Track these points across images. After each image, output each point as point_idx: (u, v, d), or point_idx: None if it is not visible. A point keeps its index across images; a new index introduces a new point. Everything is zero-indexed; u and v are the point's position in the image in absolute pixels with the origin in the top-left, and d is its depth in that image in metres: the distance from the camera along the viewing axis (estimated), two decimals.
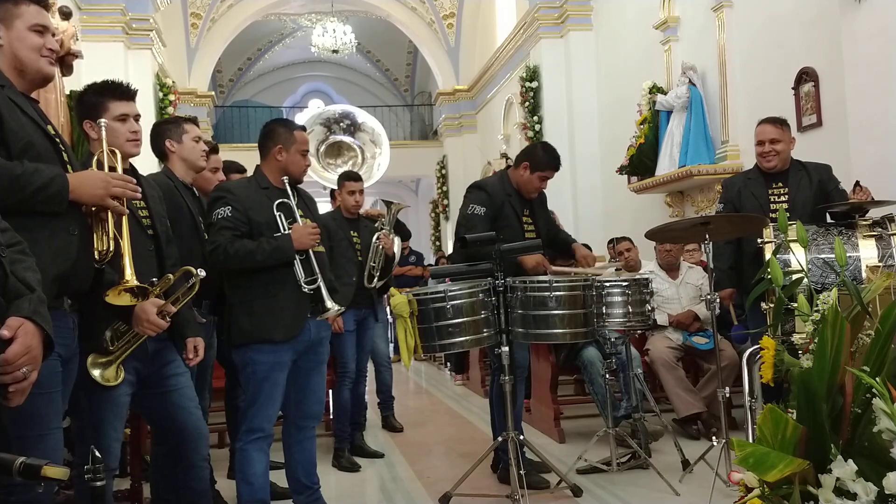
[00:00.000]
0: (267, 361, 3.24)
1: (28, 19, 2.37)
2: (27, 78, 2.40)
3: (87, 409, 2.64)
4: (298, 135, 3.45)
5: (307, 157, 3.49)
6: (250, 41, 18.38)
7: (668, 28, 8.13)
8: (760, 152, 4.49)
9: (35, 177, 2.21)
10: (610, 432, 4.24)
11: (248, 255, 3.21)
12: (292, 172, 3.43)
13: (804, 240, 2.36)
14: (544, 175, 4.30)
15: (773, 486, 1.77)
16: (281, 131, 3.43)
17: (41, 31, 2.39)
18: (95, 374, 2.60)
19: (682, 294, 5.57)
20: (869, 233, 3.66)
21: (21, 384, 1.76)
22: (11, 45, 2.35)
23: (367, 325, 5.30)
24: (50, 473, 1.54)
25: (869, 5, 4.77)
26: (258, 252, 3.22)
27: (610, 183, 9.58)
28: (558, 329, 3.67)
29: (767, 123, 4.52)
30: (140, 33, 9.99)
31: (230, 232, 3.23)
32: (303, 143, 3.44)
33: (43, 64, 2.41)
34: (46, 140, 2.36)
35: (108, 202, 2.42)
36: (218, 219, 3.25)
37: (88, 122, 2.74)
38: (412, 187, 20.20)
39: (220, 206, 3.27)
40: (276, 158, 3.40)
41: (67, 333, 2.37)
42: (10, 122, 2.24)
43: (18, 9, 2.37)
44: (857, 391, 1.80)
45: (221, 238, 3.21)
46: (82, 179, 2.38)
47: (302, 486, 3.48)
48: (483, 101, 14.67)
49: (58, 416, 2.29)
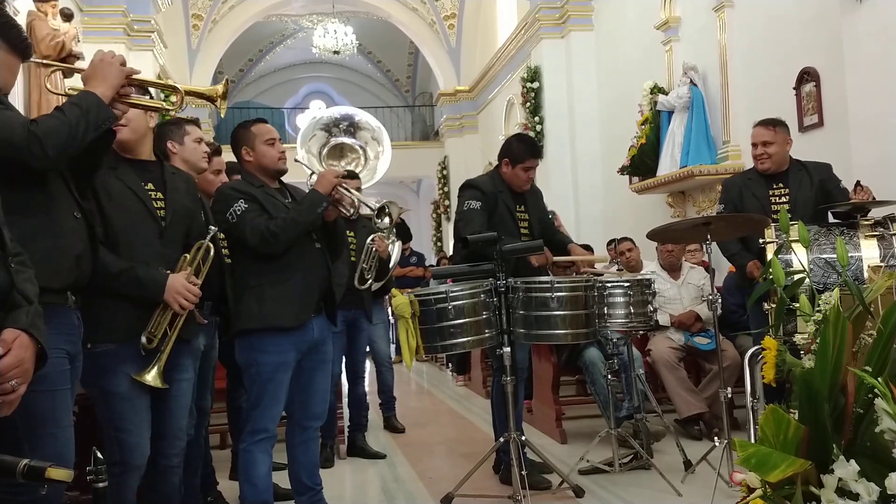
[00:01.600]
0: (271, 362, 3.23)
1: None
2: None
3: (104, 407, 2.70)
4: (257, 128, 3.42)
5: (277, 145, 3.41)
6: (251, 42, 18.40)
7: (669, 28, 8.13)
8: (754, 155, 4.51)
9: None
10: (612, 433, 4.24)
11: (290, 223, 3.20)
12: (267, 165, 3.39)
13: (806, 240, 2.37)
14: (526, 166, 4.25)
15: (775, 486, 1.77)
16: (240, 132, 3.43)
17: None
18: (148, 379, 2.70)
19: (684, 294, 5.56)
20: (871, 233, 3.65)
21: (8, 397, 1.76)
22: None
23: (360, 327, 5.28)
24: (54, 475, 1.54)
25: (870, 4, 4.76)
26: (297, 215, 3.22)
27: (611, 183, 9.58)
28: (560, 330, 3.66)
29: (760, 126, 4.52)
30: (141, 35, 10.00)
31: (260, 218, 3.20)
32: (265, 133, 3.39)
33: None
34: None
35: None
36: (238, 214, 3.20)
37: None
38: (413, 188, 20.20)
39: (233, 204, 3.23)
40: (247, 159, 3.40)
41: (73, 330, 2.37)
42: None
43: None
44: (859, 391, 1.80)
45: (258, 226, 3.17)
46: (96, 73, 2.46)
47: (305, 487, 3.48)
48: (484, 101, 14.67)
49: (68, 413, 2.30)
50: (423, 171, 17.08)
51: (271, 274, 3.25)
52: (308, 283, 3.30)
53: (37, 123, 2.20)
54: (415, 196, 20.07)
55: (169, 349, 2.77)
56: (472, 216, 4.13)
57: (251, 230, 3.19)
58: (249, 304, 3.23)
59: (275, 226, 3.19)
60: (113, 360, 2.69)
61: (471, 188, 4.28)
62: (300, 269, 3.28)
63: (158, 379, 2.74)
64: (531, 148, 4.31)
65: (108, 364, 2.68)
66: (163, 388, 2.77)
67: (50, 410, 2.17)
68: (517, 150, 4.25)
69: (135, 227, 2.78)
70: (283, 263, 3.25)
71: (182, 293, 2.77)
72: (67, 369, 2.30)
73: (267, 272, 3.25)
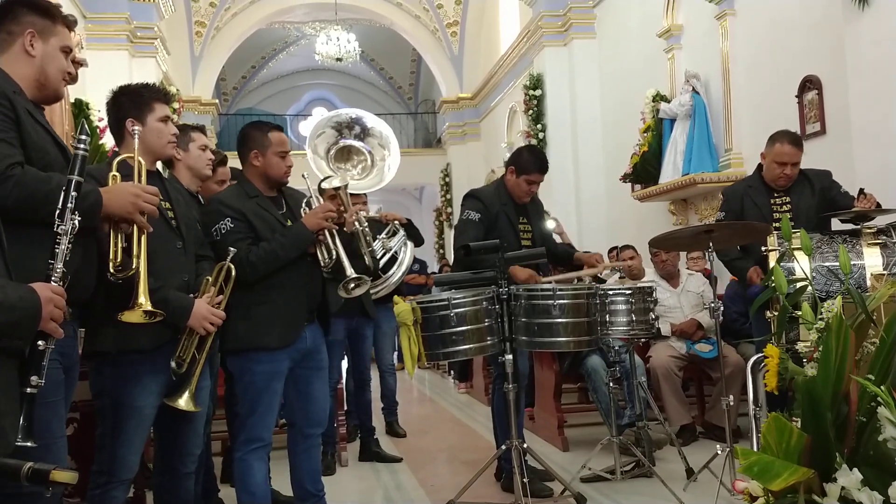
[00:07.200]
0: (264, 371, 3.19)
1: (62, 39, 2.42)
2: (43, 93, 2.41)
3: (111, 417, 2.67)
4: (273, 136, 3.32)
5: (287, 158, 3.35)
6: (254, 49, 18.46)
7: (672, 36, 8.15)
8: (780, 173, 4.35)
9: None
10: (614, 440, 4.23)
11: (269, 255, 3.13)
12: (272, 176, 3.32)
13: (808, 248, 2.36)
14: (530, 179, 4.24)
15: (777, 494, 1.76)
16: (255, 135, 3.33)
17: (67, 53, 2.45)
18: (181, 404, 2.72)
19: (684, 302, 5.55)
20: (873, 241, 3.64)
21: None
22: (43, 59, 2.37)
23: (363, 334, 5.28)
24: (59, 478, 1.54)
25: (872, 12, 4.78)
26: (278, 249, 3.14)
27: (613, 191, 9.59)
28: (562, 337, 3.66)
29: (791, 144, 4.34)
30: (144, 42, 10.02)
31: (242, 242, 3.12)
32: (279, 144, 3.31)
33: (61, 85, 2.46)
34: (57, 148, 2.36)
35: (136, 217, 2.43)
36: (223, 234, 3.13)
37: (132, 120, 2.72)
38: (416, 195, 20.21)
39: (218, 221, 3.16)
40: (254, 164, 3.31)
41: (69, 342, 2.36)
42: (28, 129, 2.24)
43: (56, 27, 2.41)
44: (861, 400, 1.80)
45: (238, 250, 3.08)
46: (113, 193, 2.39)
47: (308, 494, 3.46)
48: (487, 108, 14.69)
49: (61, 424, 2.30)
50: (426, 179, 17.08)
51: (257, 293, 3.17)
52: (295, 302, 3.24)
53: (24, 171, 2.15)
54: (417, 203, 20.08)
55: (199, 372, 2.79)
56: (466, 228, 4.14)
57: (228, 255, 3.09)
58: (235, 324, 3.11)
59: (254, 256, 3.11)
60: (138, 370, 2.67)
61: (472, 199, 4.28)
62: (287, 287, 3.21)
63: (191, 402, 2.76)
64: (539, 163, 4.30)
65: (132, 374, 2.66)
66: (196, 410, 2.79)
67: (43, 421, 2.16)
68: (525, 162, 4.25)
69: (159, 238, 2.70)
70: (269, 283, 3.18)
71: (208, 318, 2.78)
72: (62, 380, 2.29)
73: (253, 292, 3.16)
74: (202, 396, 2.92)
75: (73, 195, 2.07)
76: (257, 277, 3.14)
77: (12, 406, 1.80)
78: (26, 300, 1.76)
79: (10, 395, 1.79)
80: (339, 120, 4.56)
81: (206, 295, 2.85)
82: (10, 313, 1.70)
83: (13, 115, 2.20)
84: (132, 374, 2.66)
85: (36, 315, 1.79)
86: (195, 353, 2.79)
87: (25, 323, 1.77)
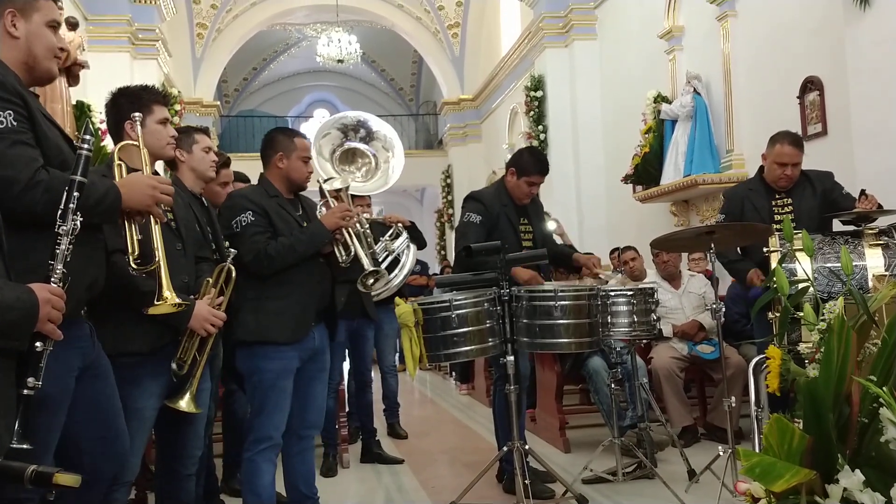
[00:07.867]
0: (274, 369, 3.21)
1: (46, 14, 2.22)
2: (34, 75, 2.24)
3: None
4: (299, 142, 3.43)
5: (309, 164, 3.47)
6: (255, 51, 18.48)
7: (673, 37, 8.16)
8: (781, 174, 4.32)
9: (91, 190, 2.12)
10: (615, 442, 4.23)
11: (288, 250, 3.20)
12: (294, 179, 3.42)
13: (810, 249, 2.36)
14: (531, 181, 4.24)
15: (779, 496, 1.76)
16: (281, 139, 3.43)
17: (55, 27, 2.25)
18: (182, 406, 2.73)
19: (685, 304, 5.55)
20: (875, 242, 3.63)
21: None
22: (28, 39, 2.18)
23: (364, 336, 5.29)
24: (62, 481, 1.54)
25: (873, 14, 4.78)
26: (296, 244, 3.22)
27: (614, 192, 9.59)
28: (563, 338, 3.65)
29: (792, 145, 4.31)
30: (146, 43, 10.05)
31: (261, 235, 3.21)
32: (303, 149, 3.42)
33: (52, 64, 2.26)
34: (66, 143, 2.28)
35: (154, 209, 2.41)
36: (243, 226, 3.22)
37: (130, 123, 2.66)
38: (417, 197, 20.22)
39: (239, 214, 3.24)
40: (278, 166, 3.40)
41: (86, 342, 2.33)
42: (42, 126, 2.15)
43: (38, 2, 2.21)
44: (863, 401, 1.80)
45: (256, 244, 3.19)
46: (129, 186, 2.35)
47: (302, 497, 3.46)
48: (488, 110, 14.70)
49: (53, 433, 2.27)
50: (427, 180, 17.10)
51: (271, 288, 3.23)
52: (307, 299, 3.29)
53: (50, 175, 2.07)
54: (418, 205, 20.08)
55: (199, 374, 2.79)
56: (467, 230, 4.15)
57: (249, 246, 3.19)
58: (246, 316, 3.22)
59: (272, 249, 3.19)
60: (138, 372, 2.67)
61: (473, 201, 4.28)
62: (301, 284, 3.27)
63: (192, 404, 2.76)
64: (540, 164, 4.30)
65: (131, 377, 2.65)
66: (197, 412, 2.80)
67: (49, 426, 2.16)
68: (526, 163, 4.25)
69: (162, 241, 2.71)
70: (283, 279, 3.24)
71: (209, 319, 2.79)
72: (71, 388, 2.23)
73: (266, 286, 3.23)
74: (203, 398, 2.92)
75: (76, 195, 2.02)
76: (273, 270, 3.21)
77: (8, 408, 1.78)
78: (23, 301, 1.75)
79: (6, 397, 1.77)
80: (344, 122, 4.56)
81: (206, 296, 2.85)
82: (6, 314, 1.69)
83: (26, 113, 2.10)
84: (132, 377, 2.65)
85: (33, 316, 1.76)
86: (196, 354, 2.80)
87: (22, 323, 1.75)
